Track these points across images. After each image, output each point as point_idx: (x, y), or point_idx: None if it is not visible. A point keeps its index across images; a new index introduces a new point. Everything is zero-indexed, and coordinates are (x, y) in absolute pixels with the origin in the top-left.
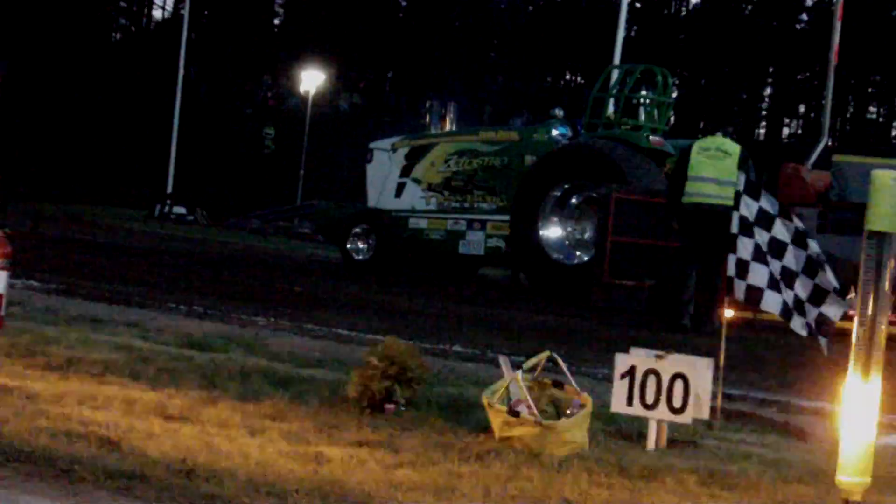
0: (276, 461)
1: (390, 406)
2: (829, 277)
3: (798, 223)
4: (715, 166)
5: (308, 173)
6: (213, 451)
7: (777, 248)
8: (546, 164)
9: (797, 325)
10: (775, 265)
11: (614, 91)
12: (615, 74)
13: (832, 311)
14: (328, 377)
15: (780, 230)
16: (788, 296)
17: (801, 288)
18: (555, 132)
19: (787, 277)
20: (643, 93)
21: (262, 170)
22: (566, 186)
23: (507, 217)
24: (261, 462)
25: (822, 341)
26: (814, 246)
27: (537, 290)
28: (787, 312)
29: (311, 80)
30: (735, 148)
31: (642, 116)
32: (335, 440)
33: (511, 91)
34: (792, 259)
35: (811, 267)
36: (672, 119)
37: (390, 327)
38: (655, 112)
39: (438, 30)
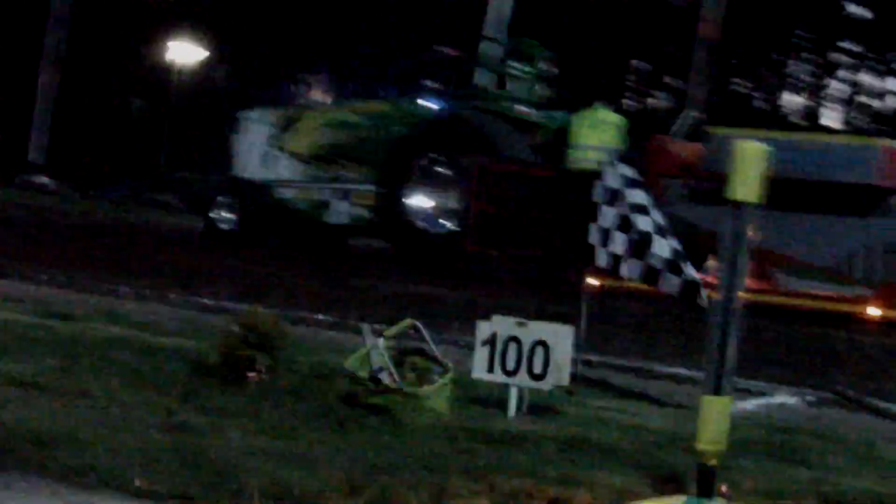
0: (139, 430)
1: (252, 374)
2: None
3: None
4: (596, 135)
5: (174, 144)
6: (73, 421)
7: (643, 211)
8: (413, 133)
9: (668, 284)
10: (641, 227)
11: (483, 63)
12: (483, 46)
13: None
14: (190, 346)
15: (643, 196)
16: (659, 256)
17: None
18: (424, 103)
19: (660, 237)
20: (512, 64)
21: (128, 139)
22: (432, 156)
23: (373, 187)
24: (123, 431)
25: (702, 293)
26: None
27: (402, 258)
28: (651, 276)
29: (179, 50)
30: (616, 117)
31: (512, 88)
32: (197, 409)
33: (380, 62)
34: (661, 220)
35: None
36: (541, 90)
37: (253, 296)
38: (525, 83)
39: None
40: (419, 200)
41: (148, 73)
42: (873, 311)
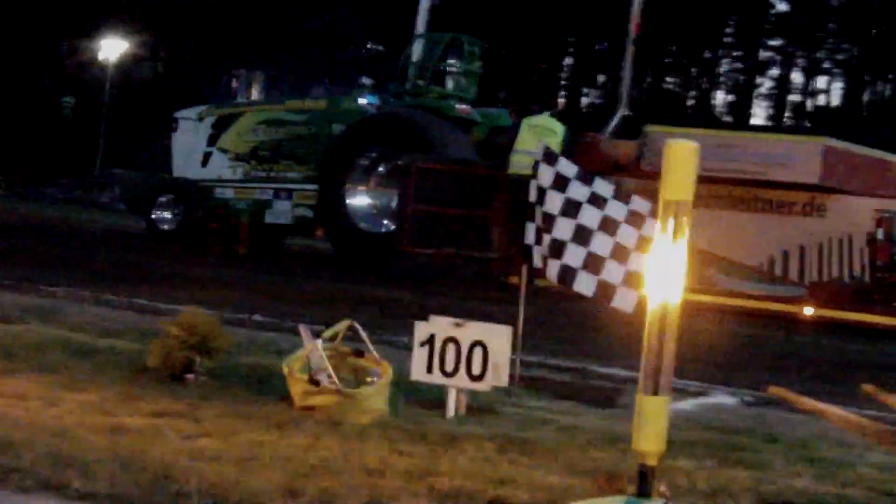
0: (76, 432)
1: (191, 376)
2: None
3: (601, 187)
4: (540, 142)
5: (108, 142)
6: (10, 423)
7: (572, 209)
8: (353, 132)
9: (582, 285)
10: (564, 228)
11: (422, 60)
12: (422, 43)
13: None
14: (128, 348)
15: (577, 191)
16: (576, 257)
17: (600, 246)
18: (362, 101)
19: (581, 237)
20: (450, 62)
21: (61, 139)
22: (373, 155)
23: (314, 186)
24: (59, 433)
25: (628, 296)
26: (616, 208)
27: (344, 258)
28: (566, 276)
29: (112, 47)
30: (560, 127)
31: (450, 85)
32: (135, 411)
33: (314, 60)
34: (591, 218)
35: (611, 226)
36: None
37: (192, 298)
38: (463, 81)
39: None
40: (360, 199)
41: (80, 70)
42: (808, 311)
